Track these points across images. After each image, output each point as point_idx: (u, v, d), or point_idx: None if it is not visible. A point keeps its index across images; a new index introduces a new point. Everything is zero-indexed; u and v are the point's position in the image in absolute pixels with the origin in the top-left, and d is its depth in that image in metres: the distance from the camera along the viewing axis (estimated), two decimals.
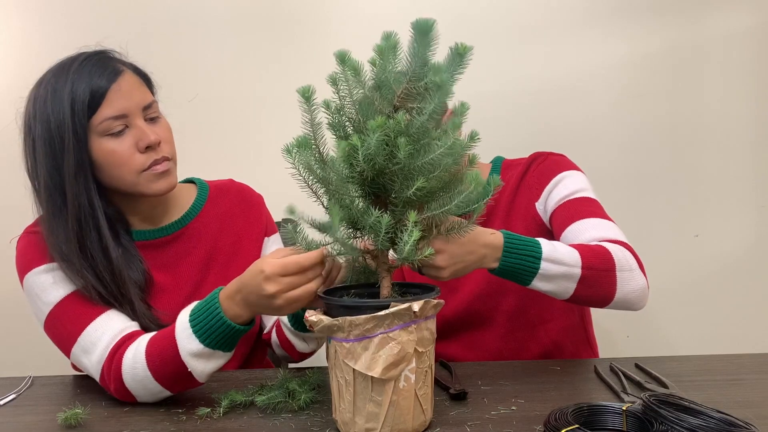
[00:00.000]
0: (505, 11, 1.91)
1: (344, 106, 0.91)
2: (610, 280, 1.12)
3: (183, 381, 1.04)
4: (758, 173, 1.96)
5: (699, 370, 1.22)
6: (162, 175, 1.15)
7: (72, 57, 1.14)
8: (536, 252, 1.06)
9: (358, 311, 0.86)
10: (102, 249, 1.12)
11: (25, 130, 1.14)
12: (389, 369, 0.86)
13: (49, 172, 1.10)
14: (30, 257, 1.15)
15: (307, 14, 1.89)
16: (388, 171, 0.88)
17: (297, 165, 0.89)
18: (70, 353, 1.12)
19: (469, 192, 0.89)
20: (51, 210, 1.12)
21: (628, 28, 1.92)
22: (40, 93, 1.12)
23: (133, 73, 1.16)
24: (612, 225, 1.27)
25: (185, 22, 1.88)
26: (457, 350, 1.43)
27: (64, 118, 1.08)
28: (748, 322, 1.96)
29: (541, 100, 1.93)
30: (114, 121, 1.11)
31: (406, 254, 0.87)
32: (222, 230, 1.29)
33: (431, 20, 0.86)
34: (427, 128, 0.88)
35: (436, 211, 0.90)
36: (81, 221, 1.11)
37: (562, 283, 1.09)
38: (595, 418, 0.93)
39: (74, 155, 1.09)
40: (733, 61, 1.93)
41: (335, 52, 0.90)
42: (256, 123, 1.87)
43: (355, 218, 0.89)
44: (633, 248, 1.21)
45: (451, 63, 0.88)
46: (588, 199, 1.34)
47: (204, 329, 0.99)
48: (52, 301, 1.12)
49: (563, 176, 1.38)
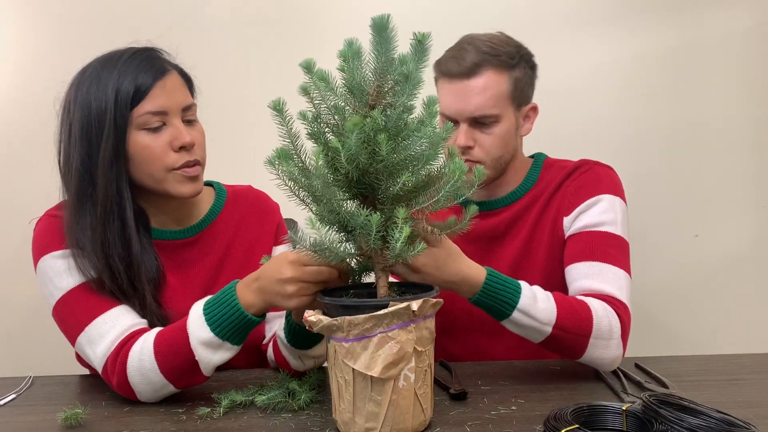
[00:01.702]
0: (504, 11, 1.91)
1: (320, 113, 0.91)
2: (580, 344, 1.12)
3: (188, 373, 1.04)
4: (758, 173, 1.96)
5: (699, 370, 1.22)
6: (191, 179, 1.16)
7: (121, 50, 1.16)
8: (513, 300, 1.07)
9: (357, 311, 0.86)
10: (123, 239, 1.13)
11: (62, 114, 1.16)
12: (389, 368, 0.86)
13: (82, 157, 1.12)
14: (48, 240, 1.15)
15: (309, 14, 1.89)
16: (372, 170, 0.88)
17: (281, 176, 0.89)
18: (75, 342, 1.12)
19: (454, 181, 0.89)
20: (78, 194, 1.13)
21: (628, 28, 1.92)
22: (83, 80, 1.14)
23: (178, 74, 1.19)
24: (619, 276, 1.24)
25: (185, 22, 1.88)
26: (465, 354, 1.42)
27: (107, 106, 1.10)
28: (748, 322, 1.96)
29: (540, 100, 1.93)
30: (153, 117, 1.12)
31: (399, 251, 0.87)
32: (236, 237, 1.30)
33: (386, 16, 0.87)
34: (404, 121, 0.89)
35: (425, 203, 0.90)
36: (107, 209, 1.12)
37: (530, 333, 1.11)
38: (595, 418, 0.93)
39: (112, 143, 1.10)
40: (733, 61, 1.93)
41: (300, 63, 0.90)
42: (257, 123, 1.87)
43: (345, 221, 0.89)
44: (628, 310, 1.19)
45: (415, 52, 0.89)
46: (610, 236, 1.30)
47: (217, 317, 1.01)
48: (65, 287, 1.12)
49: (598, 200, 1.33)
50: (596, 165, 1.40)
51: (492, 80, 1.30)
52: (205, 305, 1.03)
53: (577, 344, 1.12)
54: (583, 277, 1.25)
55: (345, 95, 0.91)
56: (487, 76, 1.30)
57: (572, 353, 1.14)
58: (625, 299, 1.21)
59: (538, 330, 1.09)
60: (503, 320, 1.09)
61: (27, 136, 1.82)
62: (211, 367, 1.04)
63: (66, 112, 1.15)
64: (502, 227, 1.40)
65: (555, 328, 1.09)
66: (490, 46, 1.31)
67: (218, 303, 1.02)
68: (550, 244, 1.36)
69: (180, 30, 1.86)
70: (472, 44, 1.31)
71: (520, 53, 1.35)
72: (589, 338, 1.11)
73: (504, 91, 1.31)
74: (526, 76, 1.36)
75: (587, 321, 1.11)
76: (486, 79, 1.29)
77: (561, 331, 1.10)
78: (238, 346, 1.04)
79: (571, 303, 1.13)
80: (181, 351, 1.02)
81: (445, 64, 1.32)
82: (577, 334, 1.11)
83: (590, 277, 1.24)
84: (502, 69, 1.31)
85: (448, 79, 1.32)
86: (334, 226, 0.90)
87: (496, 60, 1.30)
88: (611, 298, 1.19)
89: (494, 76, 1.30)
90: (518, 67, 1.34)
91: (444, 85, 1.33)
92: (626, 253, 1.30)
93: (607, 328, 1.13)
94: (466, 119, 1.31)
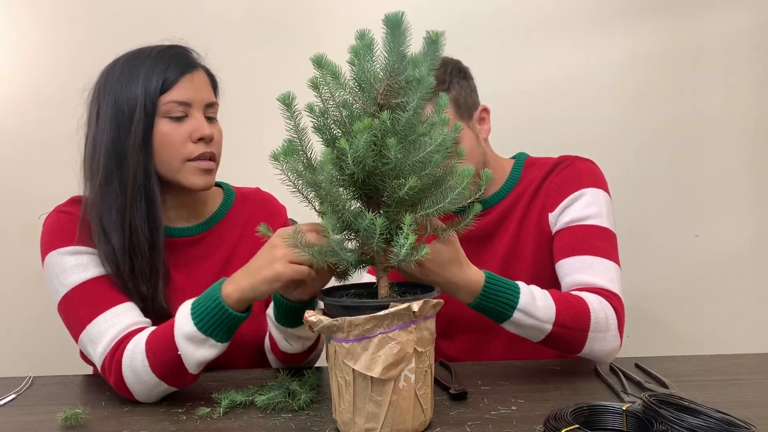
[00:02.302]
0: (504, 12, 1.91)
1: (328, 109, 0.90)
2: (579, 339, 1.14)
3: (176, 370, 1.04)
4: (758, 173, 1.96)
5: (699, 370, 1.22)
6: (204, 172, 1.19)
7: (152, 46, 1.21)
8: (513, 301, 1.08)
9: (358, 311, 0.86)
10: (149, 220, 1.15)
11: (92, 101, 1.20)
12: (389, 369, 0.86)
13: (112, 139, 1.15)
14: (56, 236, 1.17)
15: (311, 13, 1.89)
16: (378, 171, 0.88)
17: (286, 171, 0.89)
18: (78, 339, 1.13)
19: (461, 188, 0.88)
20: (105, 175, 1.15)
21: (628, 28, 1.92)
22: (114, 69, 1.18)
23: (205, 73, 1.24)
24: (609, 269, 1.25)
25: (185, 22, 1.88)
26: (462, 354, 1.42)
27: (138, 92, 1.15)
28: (748, 322, 1.96)
29: (540, 100, 1.93)
30: (177, 106, 1.17)
31: (403, 257, 0.86)
32: (242, 238, 1.31)
33: (400, 13, 0.86)
34: (413, 124, 0.88)
35: (430, 209, 0.90)
36: (135, 190, 1.15)
37: (531, 333, 1.12)
38: (595, 418, 0.93)
39: (142, 128, 1.14)
40: (733, 61, 1.93)
41: (311, 57, 0.89)
42: (257, 122, 1.87)
43: (349, 222, 0.89)
44: (621, 301, 1.21)
45: (428, 52, 0.88)
46: (596, 229, 1.31)
47: (200, 312, 1.01)
48: (70, 283, 1.13)
49: (581, 194, 1.35)
50: (577, 159, 1.41)
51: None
52: (194, 301, 1.04)
53: (577, 339, 1.13)
54: (575, 271, 1.26)
55: (354, 90, 0.89)
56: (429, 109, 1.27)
57: (572, 348, 1.15)
58: (617, 290, 1.23)
59: (539, 328, 1.10)
60: (503, 322, 1.10)
61: (27, 136, 1.82)
62: (195, 364, 1.03)
63: (96, 99, 1.19)
64: (489, 227, 1.41)
65: (555, 325, 1.10)
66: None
67: (204, 297, 1.03)
68: (537, 240, 1.38)
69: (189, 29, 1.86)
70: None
71: (447, 71, 1.34)
72: (588, 332, 1.13)
73: (451, 116, 1.30)
74: (463, 87, 1.36)
75: (585, 315, 1.13)
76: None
77: (561, 327, 1.11)
78: (222, 343, 1.03)
79: (568, 299, 1.14)
80: (168, 347, 1.03)
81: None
82: (576, 329, 1.12)
83: (581, 271, 1.25)
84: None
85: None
86: (341, 230, 0.90)
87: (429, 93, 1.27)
88: (604, 291, 1.21)
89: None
90: (452, 85, 1.34)
91: None
92: (614, 244, 1.32)
93: (603, 320, 1.15)
94: None
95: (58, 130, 1.80)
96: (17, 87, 1.85)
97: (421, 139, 0.87)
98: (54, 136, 1.80)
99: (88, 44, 1.79)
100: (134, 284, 1.15)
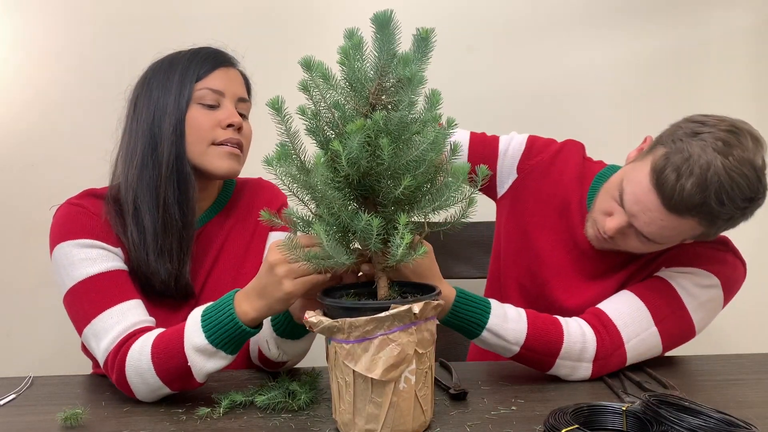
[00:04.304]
0: (503, 12, 1.91)
1: (320, 111, 0.90)
2: (546, 363, 1.14)
3: (182, 377, 1.04)
4: None
5: (699, 370, 1.22)
6: (231, 156, 1.21)
7: (195, 46, 1.27)
8: (482, 320, 1.09)
9: (358, 313, 0.86)
10: (180, 201, 1.18)
11: (133, 94, 1.24)
12: (389, 370, 0.86)
13: (149, 125, 1.19)
14: (67, 228, 1.17)
15: (312, 13, 1.89)
16: (373, 172, 0.87)
17: (280, 176, 0.88)
18: (82, 333, 1.13)
19: (457, 186, 0.88)
20: (142, 158, 1.18)
21: (628, 28, 1.92)
22: (156, 68, 1.24)
23: (240, 74, 1.28)
24: (636, 313, 1.18)
25: (184, 23, 1.87)
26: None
27: (175, 79, 1.20)
28: (748, 322, 1.96)
29: (540, 101, 1.93)
30: (210, 93, 1.21)
31: (400, 257, 0.86)
32: (238, 226, 1.32)
33: (389, 11, 0.85)
34: (406, 122, 0.87)
35: (427, 207, 0.90)
36: (168, 172, 1.17)
37: (499, 350, 1.13)
38: (595, 418, 0.93)
39: (176, 112, 1.19)
40: (733, 61, 1.93)
41: (300, 60, 0.89)
42: (258, 122, 1.87)
43: (345, 223, 0.88)
44: (618, 340, 1.15)
45: (418, 49, 0.88)
46: (675, 295, 1.21)
47: (212, 325, 1.00)
48: (77, 277, 1.13)
49: (707, 276, 1.26)
50: (736, 260, 1.33)
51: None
52: (203, 311, 1.03)
53: (544, 362, 1.14)
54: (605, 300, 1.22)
55: (345, 90, 0.89)
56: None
57: (539, 369, 1.16)
58: (621, 330, 1.15)
59: (507, 348, 1.12)
60: (473, 339, 1.11)
61: (26, 136, 1.82)
62: (204, 374, 1.03)
63: (136, 90, 1.24)
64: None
65: (523, 348, 1.11)
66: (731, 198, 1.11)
67: (216, 310, 1.02)
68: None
69: (190, 28, 1.86)
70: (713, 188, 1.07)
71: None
72: (556, 358, 1.13)
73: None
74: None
75: (557, 343, 1.12)
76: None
77: (528, 351, 1.12)
78: (232, 355, 1.03)
79: (544, 323, 1.13)
80: (176, 355, 1.02)
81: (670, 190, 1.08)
82: (544, 353, 1.13)
83: (608, 300, 1.22)
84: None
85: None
86: (336, 232, 0.89)
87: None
88: (602, 321, 1.16)
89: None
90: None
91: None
92: (680, 323, 1.20)
93: (577, 350, 1.13)
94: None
95: (60, 130, 1.82)
96: (20, 87, 1.85)
97: (414, 138, 0.87)
98: (56, 136, 1.81)
99: (89, 46, 1.79)
100: (162, 261, 1.16)
